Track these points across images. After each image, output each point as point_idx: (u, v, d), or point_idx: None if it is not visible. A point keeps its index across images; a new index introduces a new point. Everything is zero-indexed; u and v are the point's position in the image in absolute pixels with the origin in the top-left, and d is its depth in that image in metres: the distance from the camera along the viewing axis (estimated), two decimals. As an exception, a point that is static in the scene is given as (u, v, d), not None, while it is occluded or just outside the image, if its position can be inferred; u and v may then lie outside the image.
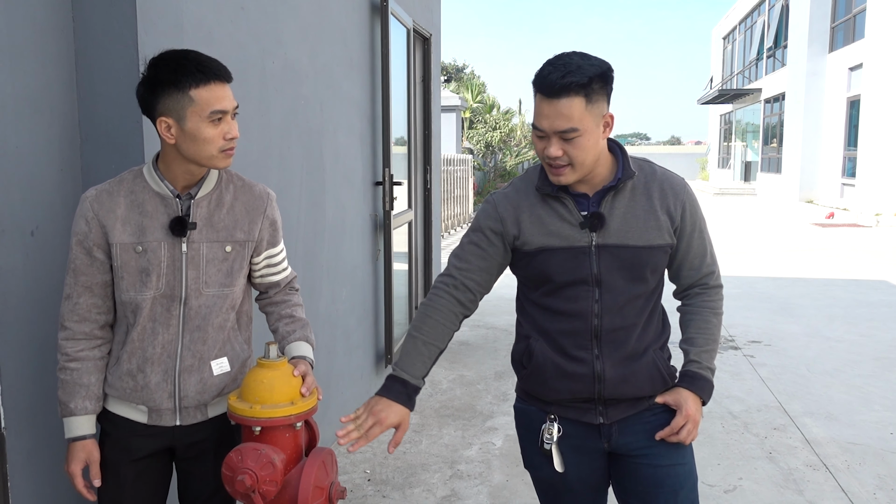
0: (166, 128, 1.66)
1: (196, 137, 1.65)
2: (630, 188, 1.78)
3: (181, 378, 1.75)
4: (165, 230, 1.71)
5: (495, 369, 5.32)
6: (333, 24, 3.72)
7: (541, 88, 1.66)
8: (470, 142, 23.10)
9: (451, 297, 1.86)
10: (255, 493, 1.61)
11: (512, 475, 3.58)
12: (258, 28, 2.87)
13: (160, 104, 1.65)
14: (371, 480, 3.54)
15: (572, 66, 1.63)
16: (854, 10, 18.99)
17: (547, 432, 1.84)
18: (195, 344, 1.76)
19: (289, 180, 3.20)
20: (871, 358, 5.61)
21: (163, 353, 1.74)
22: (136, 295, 1.71)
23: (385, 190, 4.50)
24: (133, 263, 1.70)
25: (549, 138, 1.68)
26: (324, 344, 3.72)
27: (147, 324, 1.73)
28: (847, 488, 3.45)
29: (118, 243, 1.70)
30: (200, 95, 1.63)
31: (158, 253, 1.71)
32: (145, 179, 1.73)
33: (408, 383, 1.78)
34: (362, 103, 4.22)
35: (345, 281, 3.99)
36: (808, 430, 4.18)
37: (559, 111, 1.64)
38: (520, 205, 1.81)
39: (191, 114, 1.64)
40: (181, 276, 1.72)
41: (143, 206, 1.72)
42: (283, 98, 3.11)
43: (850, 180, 18.58)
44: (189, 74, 1.63)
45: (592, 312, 1.77)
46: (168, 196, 1.73)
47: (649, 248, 1.77)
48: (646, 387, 1.82)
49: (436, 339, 1.84)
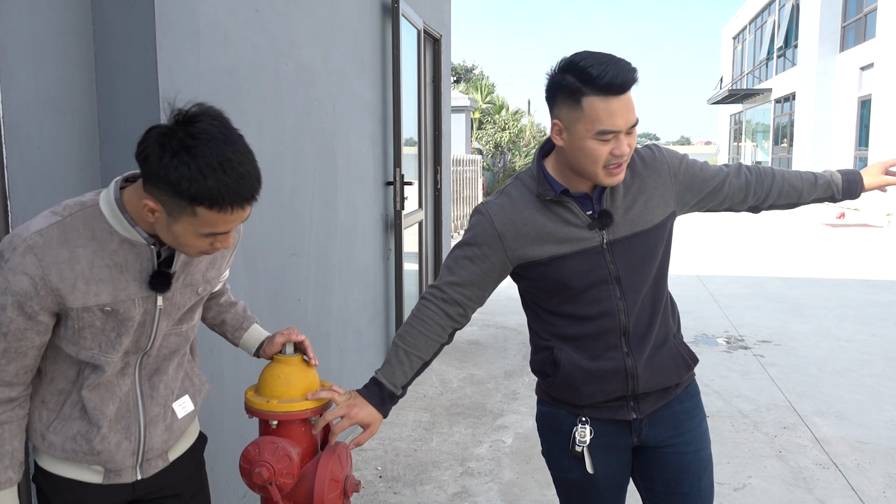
0: (150, 210, 1.33)
1: (176, 239, 1.36)
2: None
3: (147, 432, 1.53)
4: (139, 285, 1.41)
5: (505, 368, 5.34)
6: (345, 26, 3.76)
7: (608, 88, 1.56)
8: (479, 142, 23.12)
9: (440, 309, 1.81)
10: (273, 486, 1.64)
11: (522, 473, 3.61)
12: (272, 30, 2.91)
13: (154, 186, 1.30)
14: (382, 477, 3.57)
15: (620, 60, 1.59)
16: (865, 10, 18.90)
17: (579, 435, 1.81)
18: (156, 391, 1.54)
19: (302, 180, 3.24)
20: (881, 358, 5.60)
21: (121, 408, 1.49)
22: (99, 355, 1.43)
23: (396, 190, 4.54)
24: (98, 324, 1.40)
25: (619, 136, 1.61)
26: (336, 342, 3.76)
27: (103, 381, 1.46)
28: (857, 487, 3.46)
29: (79, 307, 1.36)
30: (206, 215, 1.31)
31: (132, 312, 1.42)
32: (107, 221, 1.37)
33: (384, 387, 1.78)
34: (374, 104, 4.26)
35: (356, 280, 4.03)
36: (817, 429, 4.18)
37: (628, 105, 1.61)
38: (518, 217, 1.75)
39: (185, 223, 1.33)
40: (151, 330, 1.48)
41: (112, 258, 1.37)
42: (297, 99, 3.15)
43: (861, 180, 18.47)
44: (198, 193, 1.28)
45: (619, 310, 1.75)
46: (140, 243, 1.39)
47: (656, 226, 1.76)
48: (672, 375, 1.83)
49: (419, 351, 1.80)
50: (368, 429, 1.75)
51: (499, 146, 23.14)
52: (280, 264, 3.04)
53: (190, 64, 2.30)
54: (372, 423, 1.76)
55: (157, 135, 1.29)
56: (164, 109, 1.40)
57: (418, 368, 1.82)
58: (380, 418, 1.77)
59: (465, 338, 6.15)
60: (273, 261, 2.97)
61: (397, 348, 1.81)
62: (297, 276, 3.23)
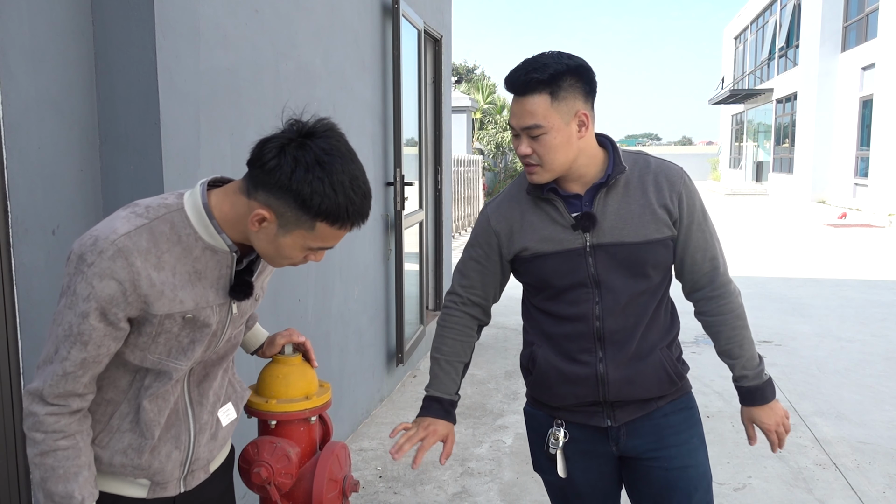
0: (260, 219, 1.29)
1: (280, 250, 1.33)
2: (623, 183, 1.73)
3: (195, 441, 1.47)
4: (217, 292, 1.37)
5: (505, 368, 5.35)
6: (346, 26, 3.77)
7: (508, 86, 1.67)
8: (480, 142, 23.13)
9: (462, 313, 1.90)
10: (271, 486, 1.65)
11: (522, 473, 3.61)
12: (272, 30, 2.92)
13: (274, 197, 1.27)
14: (382, 477, 3.57)
15: (538, 63, 1.63)
16: (867, 10, 18.88)
17: (553, 437, 1.83)
18: (205, 398, 1.48)
19: (302, 180, 3.24)
20: (882, 358, 5.60)
21: (171, 416, 1.43)
22: (168, 361, 1.36)
23: (396, 190, 4.54)
24: (175, 331, 1.34)
25: (520, 136, 1.68)
26: (336, 342, 3.76)
27: (162, 389, 1.39)
28: (857, 487, 3.46)
29: (164, 314, 1.30)
30: (322, 231, 1.30)
31: (210, 319, 1.37)
32: (192, 226, 1.32)
33: (442, 399, 1.87)
34: (374, 104, 4.27)
35: (357, 280, 4.04)
36: (818, 429, 4.18)
37: (524, 108, 1.64)
38: (511, 214, 1.80)
39: (298, 235, 1.30)
40: (220, 339, 1.44)
41: (196, 264, 1.33)
42: (297, 99, 3.15)
43: (862, 180, 18.47)
44: (329, 210, 1.27)
45: (594, 315, 1.74)
46: (224, 251, 1.35)
47: (647, 243, 1.71)
48: (653, 388, 1.78)
49: (456, 356, 1.90)
50: (448, 439, 1.86)
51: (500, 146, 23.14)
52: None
53: (190, 64, 2.30)
54: (448, 433, 1.86)
55: (283, 146, 1.26)
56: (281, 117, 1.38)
57: (462, 371, 1.92)
58: (452, 427, 1.87)
59: (465, 338, 6.16)
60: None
61: (437, 360, 1.90)
62: (297, 277, 3.23)
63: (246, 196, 1.31)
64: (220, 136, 2.53)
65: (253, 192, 1.29)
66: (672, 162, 1.80)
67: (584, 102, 1.66)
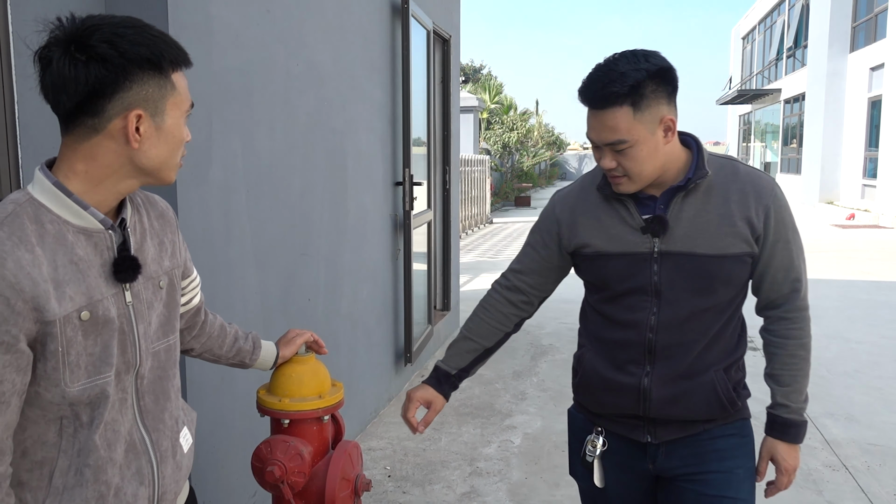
0: (134, 125, 1.14)
1: (172, 139, 1.20)
2: (704, 189, 1.61)
3: (159, 472, 1.28)
4: (105, 279, 1.17)
5: (513, 369, 5.35)
6: (355, 27, 3.77)
7: (583, 100, 1.55)
8: (487, 142, 23.13)
9: (503, 297, 1.84)
10: (284, 484, 1.65)
11: (531, 473, 3.61)
12: (283, 30, 2.93)
13: (134, 90, 1.13)
14: (391, 477, 3.58)
15: (615, 73, 1.50)
16: (875, 10, 18.81)
17: (591, 444, 1.75)
18: (159, 423, 1.29)
19: (313, 180, 3.25)
20: (891, 360, 5.58)
21: (129, 449, 1.23)
22: (97, 380, 1.16)
23: (405, 190, 4.55)
24: (80, 339, 1.13)
25: (602, 149, 1.58)
26: (345, 341, 3.77)
27: (108, 417, 1.19)
28: (867, 489, 3.45)
29: (62, 317, 1.10)
30: (180, 82, 1.20)
31: (110, 312, 1.17)
32: (50, 211, 1.13)
33: (439, 369, 1.86)
34: (383, 104, 4.27)
35: (366, 279, 4.04)
36: (827, 431, 4.17)
37: (604, 123, 1.52)
38: (578, 206, 1.71)
39: (171, 106, 1.18)
40: (133, 337, 1.22)
41: (73, 254, 1.13)
42: (307, 99, 3.16)
43: (871, 181, 18.39)
44: (168, 52, 1.16)
45: (648, 325, 1.64)
46: (96, 229, 1.16)
47: (721, 257, 1.59)
48: (700, 410, 1.66)
49: (479, 336, 1.84)
50: (432, 407, 1.83)
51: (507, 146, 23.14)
52: (290, 264, 3.06)
53: (202, 64, 2.31)
54: (432, 400, 1.83)
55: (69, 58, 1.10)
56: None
57: (479, 354, 1.86)
58: (439, 397, 1.84)
59: (473, 338, 6.17)
60: (284, 260, 2.99)
61: (459, 335, 1.87)
62: (308, 276, 3.24)
63: (94, 134, 1.14)
64: (231, 135, 2.54)
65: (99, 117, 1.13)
66: (764, 173, 1.68)
67: (668, 106, 1.55)
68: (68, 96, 1.11)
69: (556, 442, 3.96)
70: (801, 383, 1.73)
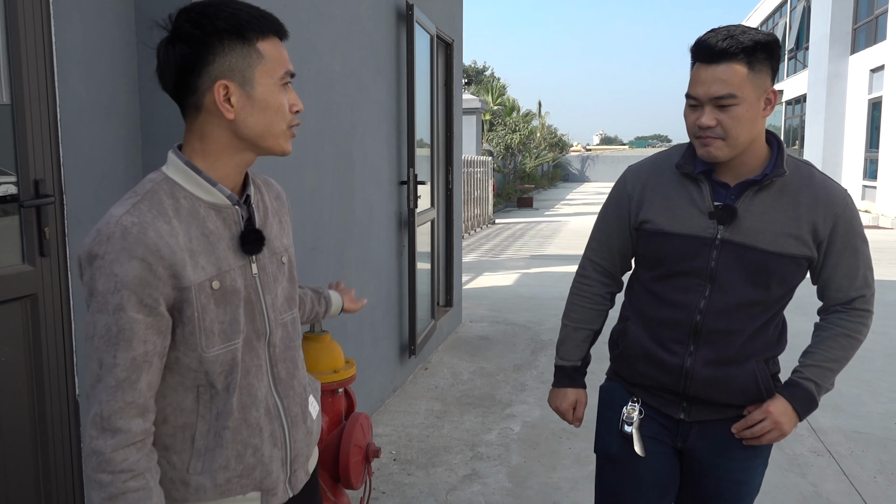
0: (224, 96, 1.20)
1: (268, 106, 1.24)
2: (777, 188, 1.64)
3: (290, 436, 1.37)
4: (233, 251, 1.27)
5: (514, 362, 5.53)
6: (363, 32, 3.96)
7: (698, 53, 1.57)
8: (490, 144, 23.28)
9: (590, 279, 1.89)
10: (302, 450, 1.83)
11: (529, 457, 3.79)
12: (295, 36, 3.10)
13: (217, 62, 1.19)
14: (396, 460, 3.76)
15: (736, 31, 1.54)
16: (876, 12, 18.94)
17: (628, 412, 1.79)
18: (289, 389, 1.38)
19: (322, 179, 3.44)
20: (881, 354, 5.74)
21: (265, 412, 1.33)
22: (227, 348, 1.26)
23: (409, 189, 4.73)
24: (212, 307, 1.23)
25: (703, 107, 1.58)
26: (352, 333, 3.95)
27: (243, 382, 1.29)
28: (849, 472, 3.62)
29: (196, 284, 1.20)
30: (268, 50, 1.24)
31: (236, 283, 1.27)
32: (183, 188, 1.23)
33: (565, 367, 1.94)
34: (389, 107, 4.46)
35: (372, 275, 4.23)
36: (814, 419, 4.34)
37: (717, 76, 1.54)
38: (650, 182, 1.74)
39: (260, 74, 1.22)
40: (261, 306, 1.32)
41: (205, 227, 1.24)
42: (318, 102, 3.34)
43: (871, 182, 18.53)
44: (252, 22, 1.21)
45: (697, 308, 1.67)
46: (224, 205, 1.27)
47: (779, 255, 1.63)
48: (737, 395, 1.71)
49: (586, 323, 1.91)
50: (578, 402, 1.95)
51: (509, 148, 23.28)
52: (302, 258, 3.24)
53: (223, 71, 2.50)
54: (577, 398, 1.95)
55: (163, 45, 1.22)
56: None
57: (591, 338, 1.94)
58: (578, 391, 1.95)
59: (475, 333, 6.34)
60: (296, 254, 3.17)
61: (566, 327, 1.94)
62: (317, 269, 3.43)
63: (198, 112, 1.24)
64: (248, 136, 2.72)
65: (196, 94, 1.22)
66: (838, 183, 1.70)
67: (772, 81, 1.58)
68: (166, 79, 1.23)
69: (553, 430, 4.14)
70: (829, 366, 1.74)
